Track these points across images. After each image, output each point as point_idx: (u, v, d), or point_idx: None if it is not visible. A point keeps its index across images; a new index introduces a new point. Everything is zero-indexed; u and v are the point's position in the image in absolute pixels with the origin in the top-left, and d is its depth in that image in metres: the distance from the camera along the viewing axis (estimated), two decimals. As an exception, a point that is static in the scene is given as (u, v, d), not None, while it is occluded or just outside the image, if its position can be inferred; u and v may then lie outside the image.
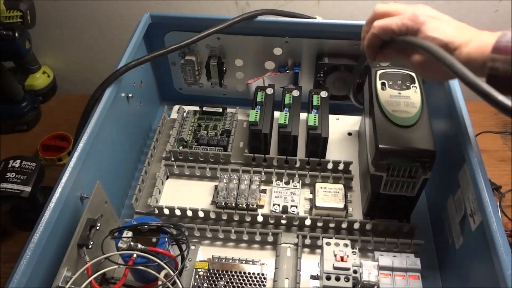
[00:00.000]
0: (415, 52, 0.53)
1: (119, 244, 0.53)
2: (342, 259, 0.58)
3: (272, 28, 0.78)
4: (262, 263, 0.64)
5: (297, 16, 0.78)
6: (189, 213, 0.69)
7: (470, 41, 0.48)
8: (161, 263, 0.51)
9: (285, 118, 0.73)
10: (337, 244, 0.60)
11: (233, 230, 0.66)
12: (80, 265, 0.53)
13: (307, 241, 0.66)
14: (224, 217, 0.69)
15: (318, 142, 0.73)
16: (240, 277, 0.61)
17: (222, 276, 0.61)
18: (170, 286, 0.51)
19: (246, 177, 0.72)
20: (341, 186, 0.70)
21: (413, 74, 0.67)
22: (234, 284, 0.61)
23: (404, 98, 0.63)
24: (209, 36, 0.73)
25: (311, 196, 0.71)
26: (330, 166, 0.75)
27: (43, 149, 0.89)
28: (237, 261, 0.64)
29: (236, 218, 0.69)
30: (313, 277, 0.62)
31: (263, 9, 0.77)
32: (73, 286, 0.49)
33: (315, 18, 0.78)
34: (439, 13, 0.52)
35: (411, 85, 0.65)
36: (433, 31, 0.50)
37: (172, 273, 0.52)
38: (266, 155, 0.76)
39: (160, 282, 0.51)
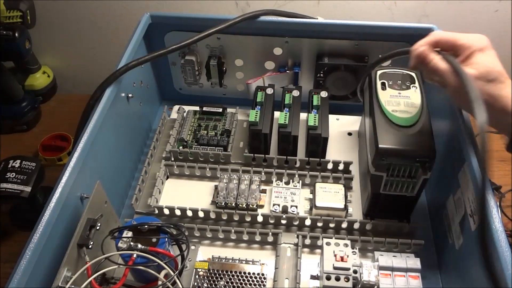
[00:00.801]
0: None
1: (119, 244, 0.53)
2: (342, 259, 0.58)
3: (272, 28, 0.78)
4: (262, 263, 0.64)
5: (298, 16, 0.78)
6: (189, 213, 0.69)
7: None
8: (161, 263, 0.51)
9: (285, 118, 0.73)
10: (337, 244, 0.60)
11: (233, 230, 0.66)
12: (80, 265, 0.53)
13: (307, 241, 0.66)
14: (224, 217, 0.69)
15: (318, 142, 0.73)
16: (240, 277, 0.61)
17: (222, 276, 0.61)
18: (170, 286, 0.51)
19: (246, 177, 0.72)
20: (341, 186, 0.70)
21: (413, 74, 0.67)
22: (234, 284, 0.61)
23: (404, 98, 0.63)
24: (209, 36, 0.73)
25: (311, 196, 0.71)
26: (330, 166, 0.75)
27: (43, 149, 0.89)
28: (237, 261, 0.64)
29: (236, 218, 0.69)
30: (313, 277, 0.62)
31: (264, 10, 0.76)
32: (73, 286, 0.49)
33: (317, 19, 0.78)
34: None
35: (411, 85, 0.65)
36: (486, 58, 0.50)
37: (172, 273, 0.52)
38: (266, 155, 0.76)
39: (160, 282, 0.51)
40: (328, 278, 0.57)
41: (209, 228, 0.67)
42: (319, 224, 0.68)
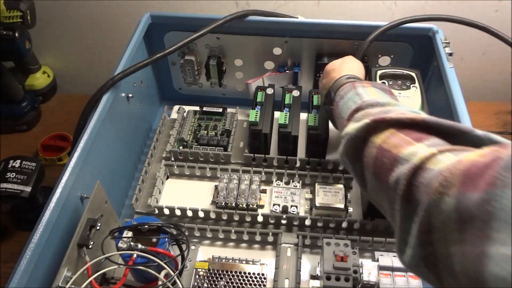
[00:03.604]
0: None
1: (119, 244, 0.53)
2: (342, 259, 0.58)
3: (272, 28, 0.78)
4: (262, 263, 0.64)
5: (279, 16, 0.78)
6: (189, 213, 0.69)
7: None
8: (161, 263, 0.51)
9: (285, 118, 0.73)
10: (337, 244, 0.60)
11: (233, 230, 0.66)
12: (80, 265, 0.53)
13: (307, 241, 0.66)
14: (224, 217, 0.69)
15: (318, 142, 0.73)
16: (240, 277, 0.61)
17: (222, 276, 0.61)
18: (170, 286, 0.51)
19: (246, 177, 0.72)
20: (341, 186, 0.70)
21: (413, 74, 0.67)
22: (234, 284, 0.61)
23: (404, 98, 0.63)
24: (208, 36, 0.73)
25: (311, 196, 0.71)
26: (330, 166, 0.75)
27: (43, 149, 0.89)
28: (237, 261, 0.64)
29: (236, 218, 0.69)
30: (313, 277, 0.62)
31: (246, 10, 0.76)
32: (73, 286, 0.49)
33: (297, 18, 0.78)
34: None
35: (411, 85, 0.65)
36: None
37: (172, 273, 0.52)
38: (266, 155, 0.76)
39: (160, 282, 0.51)
40: (328, 278, 0.57)
41: (209, 228, 0.67)
42: (319, 224, 0.68)
